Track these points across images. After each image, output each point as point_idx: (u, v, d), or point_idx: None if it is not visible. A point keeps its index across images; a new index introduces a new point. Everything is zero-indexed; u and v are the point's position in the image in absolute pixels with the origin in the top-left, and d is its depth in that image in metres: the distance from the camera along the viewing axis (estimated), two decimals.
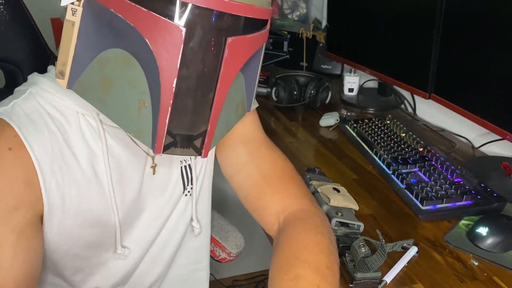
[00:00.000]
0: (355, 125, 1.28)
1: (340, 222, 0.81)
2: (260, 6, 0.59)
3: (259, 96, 1.57)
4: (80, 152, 0.68)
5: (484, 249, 0.78)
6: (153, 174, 0.78)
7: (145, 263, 0.84)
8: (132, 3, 0.54)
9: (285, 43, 1.75)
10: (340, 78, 1.74)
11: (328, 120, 1.34)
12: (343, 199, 0.86)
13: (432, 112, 1.38)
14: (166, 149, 0.59)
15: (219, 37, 0.56)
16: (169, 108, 0.56)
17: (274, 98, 1.46)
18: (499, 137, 1.05)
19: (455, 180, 0.97)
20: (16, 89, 0.70)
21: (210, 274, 1.00)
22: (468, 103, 1.09)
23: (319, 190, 0.88)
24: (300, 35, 1.78)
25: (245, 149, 0.80)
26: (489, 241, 0.78)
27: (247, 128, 0.82)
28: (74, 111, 0.68)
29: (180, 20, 0.54)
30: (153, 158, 0.77)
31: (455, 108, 1.13)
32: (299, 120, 1.40)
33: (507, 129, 0.98)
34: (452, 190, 0.92)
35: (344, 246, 0.76)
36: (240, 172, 0.80)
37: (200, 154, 0.62)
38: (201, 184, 0.86)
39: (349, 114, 1.38)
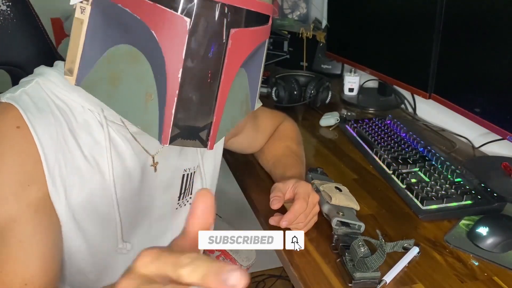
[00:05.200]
0: (355, 125, 1.28)
1: (341, 221, 0.81)
2: (262, 1, 0.61)
3: (259, 96, 1.56)
4: (85, 142, 0.68)
5: (484, 249, 0.78)
6: (155, 171, 0.78)
7: None
8: None
9: (285, 43, 1.75)
10: (340, 78, 1.73)
11: (328, 120, 1.34)
12: (344, 198, 0.86)
13: (432, 112, 1.38)
14: (173, 140, 0.60)
15: (222, 28, 0.58)
16: (175, 99, 0.57)
17: (274, 98, 1.46)
18: (499, 137, 1.05)
19: (455, 180, 0.97)
20: (22, 80, 0.71)
21: None
22: (468, 103, 1.09)
23: (321, 188, 0.88)
24: (300, 35, 1.78)
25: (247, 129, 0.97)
26: (489, 241, 0.78)
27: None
28: (79, 105, 0.68)
29: (185, 11, 0.56)
30: (153, 157, 0.78)
31: (455, 108, 1.13)
32: (299, 120, 1.40)
33: (507, 129, 0.98)
34: (452, 190, 0.92)
35: (343, 245, 0.76)
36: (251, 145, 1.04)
37: (206, 146, 0.62)
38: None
39: (349, 114, 1.38)
